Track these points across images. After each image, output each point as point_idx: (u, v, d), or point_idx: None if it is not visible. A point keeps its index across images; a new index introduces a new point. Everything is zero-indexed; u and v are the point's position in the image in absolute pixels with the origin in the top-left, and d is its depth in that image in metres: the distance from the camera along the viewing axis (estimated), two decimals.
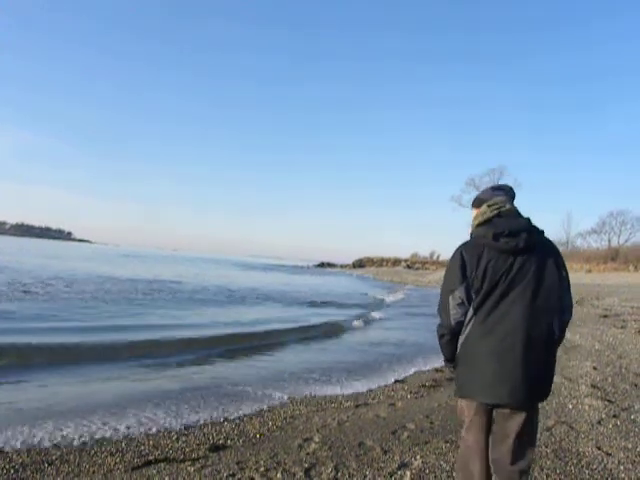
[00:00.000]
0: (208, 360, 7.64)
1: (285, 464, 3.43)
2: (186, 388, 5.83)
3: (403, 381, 6.71)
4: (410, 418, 4.62)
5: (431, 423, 4.44)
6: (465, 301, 2.13)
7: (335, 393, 5.97)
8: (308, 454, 3.65)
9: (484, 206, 2.26)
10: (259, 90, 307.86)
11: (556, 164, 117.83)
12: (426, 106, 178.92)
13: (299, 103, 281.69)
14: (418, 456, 3.55)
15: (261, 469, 3.33)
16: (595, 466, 3.42)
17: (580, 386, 5.61)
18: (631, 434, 4.07)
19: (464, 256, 2.15)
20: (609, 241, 51.91)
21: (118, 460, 3.64)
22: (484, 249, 2.12)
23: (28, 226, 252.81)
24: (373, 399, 5.69)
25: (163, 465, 3.50)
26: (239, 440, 4.13)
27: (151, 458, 3.67)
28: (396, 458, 3.53)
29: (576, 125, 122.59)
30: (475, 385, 2.15)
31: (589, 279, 33.42)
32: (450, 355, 2.28)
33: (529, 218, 2.22)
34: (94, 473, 3.41)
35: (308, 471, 3.30)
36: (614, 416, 4.53)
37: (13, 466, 3.45)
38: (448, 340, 2.24)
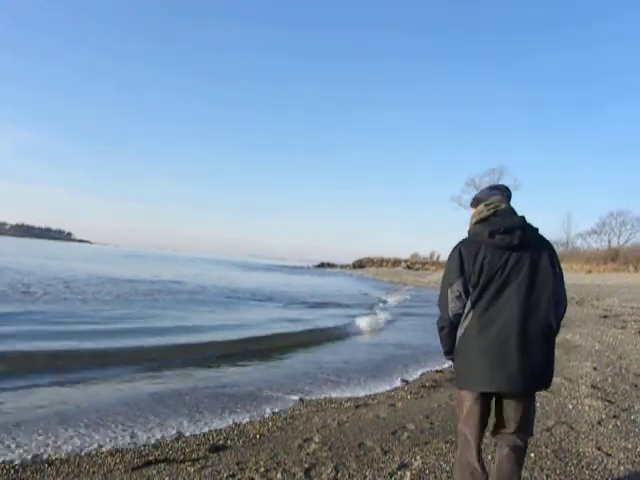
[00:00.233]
0: (208, 363, 7.61)
1: (285, 464, 3.43)
2: (186, 389, 5.84)
3: (407, 382, 6.71)
4: (410, 419, 4.62)
5: (431, 424, 4.44)
6: (463, 294, 2.23)
7: (338, 396, 5.96)
8: (308, 454, 3.65)
9: (481, 205, 2.37)
10: (259, 90, 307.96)
11: (556, 164, 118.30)
12: (426, 106, 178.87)
13: (299, 103, 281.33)
14: (418, 456, 3.55)
15: (261, 469, 3.34)
16: (595, 466, 3.42)
17: (580, 386, 5.61)
18: (631, 434, 4.07)
19: (462, 252, 2.26)
20: (609, 241, 52.07)
21: (118, 460, 3.64)
22: (481, 246, 2.23)
23: (28, 227, 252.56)
24: (373, 399, 5.69)
25: (163, 465, 3.50)
26: (239, 440, 4.13)
27: (151, 458, 3.67)
28: (396, 458, 3.53)
29: (576, 125, 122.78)
30: (474, 375, 2.22)
31: (589, 280, 33.47)
32: (449, 347, 2.37)
33: (524, 216, 2.33)
34: (94, 473, 3.42)
35: (308, 471, 3.30)
36: (614, 416, 4.53)
37: (13, 466, 3.46)
38: (447, 332, 2.34)
